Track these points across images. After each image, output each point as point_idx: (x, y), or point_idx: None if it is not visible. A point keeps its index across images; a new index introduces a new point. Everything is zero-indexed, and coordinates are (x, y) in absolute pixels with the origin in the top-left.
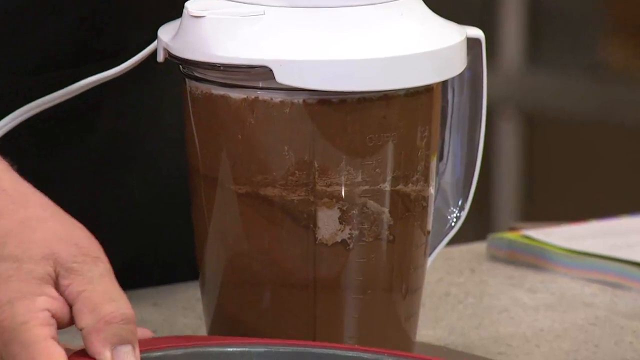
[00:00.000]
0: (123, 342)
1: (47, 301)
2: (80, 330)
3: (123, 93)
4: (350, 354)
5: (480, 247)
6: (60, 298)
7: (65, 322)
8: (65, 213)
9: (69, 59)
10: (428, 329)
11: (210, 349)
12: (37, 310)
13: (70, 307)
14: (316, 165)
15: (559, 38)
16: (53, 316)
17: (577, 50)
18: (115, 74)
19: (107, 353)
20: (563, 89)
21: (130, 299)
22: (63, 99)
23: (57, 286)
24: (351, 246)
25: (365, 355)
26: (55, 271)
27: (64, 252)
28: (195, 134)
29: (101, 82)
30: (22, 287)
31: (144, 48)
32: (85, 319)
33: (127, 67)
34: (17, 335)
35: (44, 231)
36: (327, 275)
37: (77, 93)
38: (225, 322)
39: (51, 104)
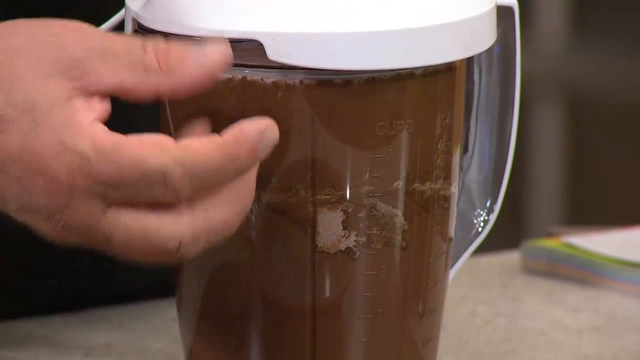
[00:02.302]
0: (187, 48)
1: (91, 112)
2: (160, 96)
3: None
4: None
5: (512, 257)
6: (96, 98)
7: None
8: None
9: None
10: (450, 356)
11: None
12: (89, 125)
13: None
14: (316, 158)
15: (611, 5)
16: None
17: (633, 20)
18: None
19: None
20: (614, 67)
21: (92, 320)
22: None
23: (84, 88)
24: (357, 255)
25: None
26: (69, 76)
27: (58, 49)
28: (170, 123)
29: None
30: (57, 122)
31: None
32: (152, 81)
33: None
34: (100, 160)
35: (23, 49)
36: (328, 291)
37: None
38: (206, 354)
39: None
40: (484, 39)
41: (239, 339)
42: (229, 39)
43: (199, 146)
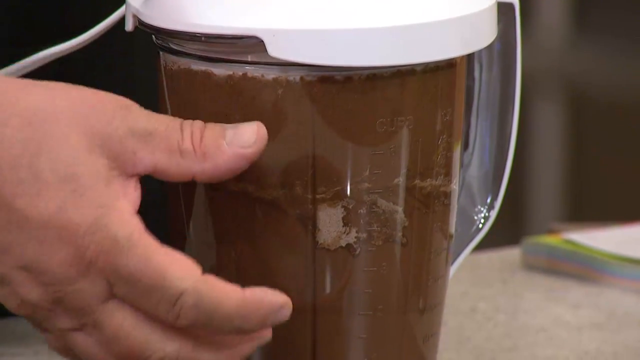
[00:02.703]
0: (223, 133)
1: (129, 201)
2: (194, 178)
3: (85, 69)
4: None
5: (513, 253)
6: (132, 183)
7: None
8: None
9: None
10: (451, 352)
11: None
12: (130, 216)
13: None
14: (316, 155)
15: (611, 1)
16: (135, 209)
17: (634, 16)
18: (73, 47)
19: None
20: (615, 63)
21: None
22: (17, 74)
23: (121, 168)
24: (358, 252)
25: None
26: (111, 153)
27: (99, 123)
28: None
29: (57, 56)
30: (98, 199)
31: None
32: (186, 166)
33: (88, 39)
34: (129, 253)
35: (65, 114)
36: (329, 288)
37: (30, 69)
38: None
39: None
40: (485, 35)
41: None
42: (228, 35)
43: (221, 288)
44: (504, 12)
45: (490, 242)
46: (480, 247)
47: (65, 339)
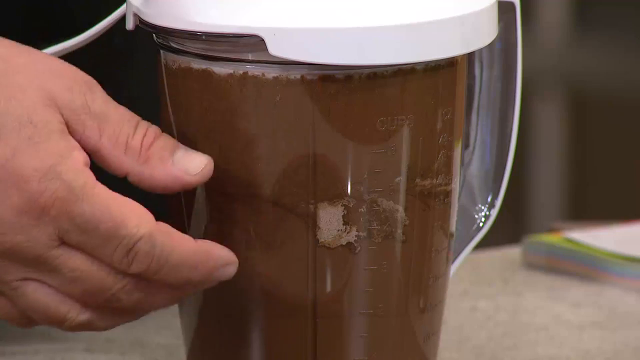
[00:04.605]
0: (173, 149)
1: (82, 154)
2: (127, 176)
3: (85, 68)
4: None
5: (513, 252)
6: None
7: None
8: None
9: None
10: (451, 352)
11: None
12: (84, 167)
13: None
14: (317, 153)
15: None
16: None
17: (634, 14)
18: (74, 45)
19: (173, 167)
20: (616, 62)
21: None
22: None
23: (71, 133)
24: (358, 250)
25: None
26: (63, 116)
27: (57, 87)
28: (172, 117)
29: (58, 55)
30: (54, 147)
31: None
32: (125, 162)
33: (89, 38)
34: (85, 201)
35: (27, 71)
36: (329, 286)
37: None
38: (207, 349)
39: None
40: (485, 34)
41: (240, 333)
42: (229, 33)
43: (175, 235)
44: (504, 11)
45: (491, 240)
46: (480, 245)
47: (17, 293)
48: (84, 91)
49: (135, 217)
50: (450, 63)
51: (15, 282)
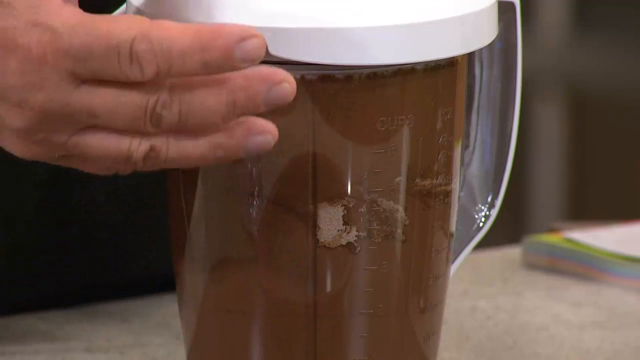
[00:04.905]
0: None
1: None
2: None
3: None
4: None
5: (513, 252)
6: None
7: None
8: None
9: None
10: (451, 351)
11: None
12: (61, 6)
13: None
14: (317, 153)
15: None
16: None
17: (634, 14)
18: None
19: None
20: (616, 62)
21: (93, 315)
22: None
23: None
24: (358, 250)
25: None
26: None
27: None
28: None
29: None
30: (26, 1)
31: None
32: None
33: None
34: (72, 34)
35: None
36: (329, 286)
37: None
38: (207, 349)
39: None
40: (485, 34)
41: (240, 333)
42: None
43: (171, 26)
44: (504, 11)
45: (491, 240)
46: (480, 245)
47: (80, 148)
48: None
49: (121, 24)
50: (450, 63)
51: (71, 139)
